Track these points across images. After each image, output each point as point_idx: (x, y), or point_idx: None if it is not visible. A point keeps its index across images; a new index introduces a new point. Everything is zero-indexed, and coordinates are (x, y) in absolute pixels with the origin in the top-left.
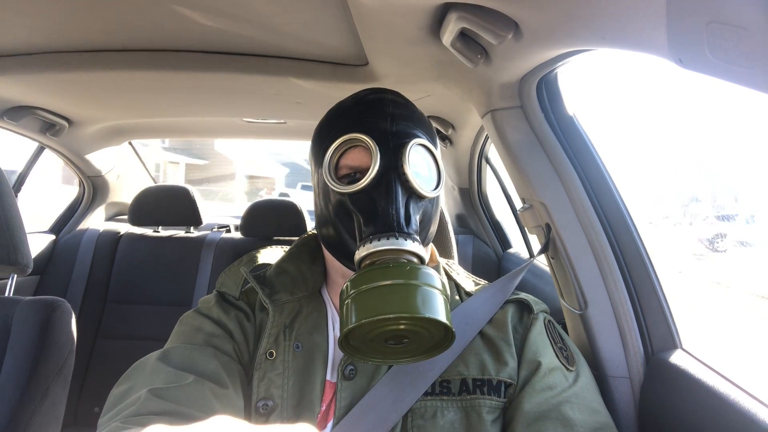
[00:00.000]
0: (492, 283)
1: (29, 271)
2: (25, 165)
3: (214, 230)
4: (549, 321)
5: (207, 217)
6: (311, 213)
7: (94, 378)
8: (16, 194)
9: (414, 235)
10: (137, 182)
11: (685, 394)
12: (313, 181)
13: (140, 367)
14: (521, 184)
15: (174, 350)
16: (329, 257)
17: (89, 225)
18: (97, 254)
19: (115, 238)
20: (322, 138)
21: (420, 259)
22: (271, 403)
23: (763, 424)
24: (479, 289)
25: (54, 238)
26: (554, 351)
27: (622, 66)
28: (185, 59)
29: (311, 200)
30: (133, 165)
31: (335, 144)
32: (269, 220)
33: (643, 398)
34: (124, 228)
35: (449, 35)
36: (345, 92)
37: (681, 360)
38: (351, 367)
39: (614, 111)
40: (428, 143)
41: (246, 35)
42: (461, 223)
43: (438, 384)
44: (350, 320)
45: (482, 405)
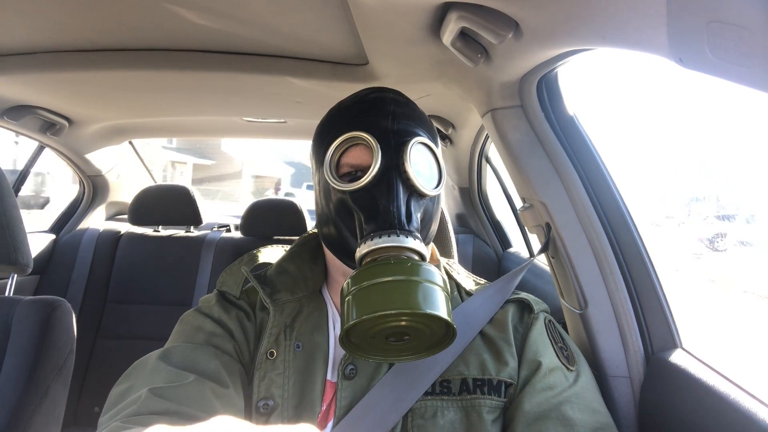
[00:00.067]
0: (492, 283)
1: (29, 271)
2: (26, 165)
3: (214, 230)
4: (549, 321)
5: (213, 217)
6: (311, 212)
7: (94, 378)
8: (16, 194)
9: (415, 233)
10: (137, 182)
11: (685, 394)
12: (314, 180)
13: (140, 367)
14: (521, 184)
15: (174, 349)
16: (330, 256)
17: (89, 225)
18: (97, 254)
19: (115, 238)
20: (323, 137)
21: (421, 257)
22: (272, 403)
23: (763, 424)
24: (479, 289)
25: (54, 238)
26: (555, 351)
27: (622, 66)
28: (185, 59)
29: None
30: (134, 164)
31: (336, 142)
32: (269, 220)
33: (643, 398)
34: (125, 227)
35: (449, 35)
36: (345, 91)
37: (681, 360)
38: (351, 367)
39: (614, 110)
40: (429, 142)
41: (246, 35)
42: (461, 223)
43: (438, 384)
44: (351, 317)
45: (482, 405)
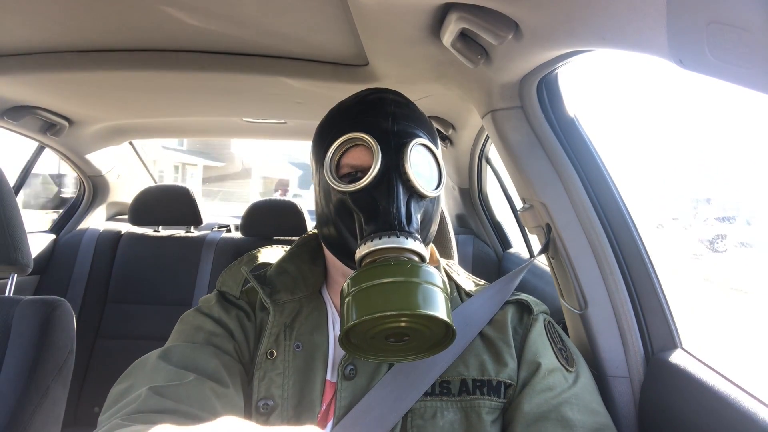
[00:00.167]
0: (492, 284)
1: (29, 271)
2: (26, 165)
3: (215, 230)
4: (549, 322)
5: (223, 216)
6: (311, 213)
7: (94, 378)
8: (17, 194)
9: (415, 234)
10: (138, 182)
11: (685, 394)
12: (315, 181)
13: (141, 366)
14: (521, 185)
15: (175, 349)
16: (330, 257)
17: (89, 225)
18: (98, 254)
19: (116, 238)
20: (324, 137)
21: (421, 258)
22: (272, 403)
23: (763, 424)
24: (479, 290)
25: (54, 238)
26: (554, 352)
27: (623, 66)
28: (185, 59)
29: None
30: (134, 165)
31: (336, 143)
32: (269, 220)
33: (643, 398)
34: (125, 228)
35: (449, 35)
36: (345, 92)
37: (681, 360)
38: (351, 367)
39: (615, 111)
40: (429, 143)
41: (246, 35)
42: (461, 223)
43: (438, 384)
44: (351, 317)
45: (482, 405)
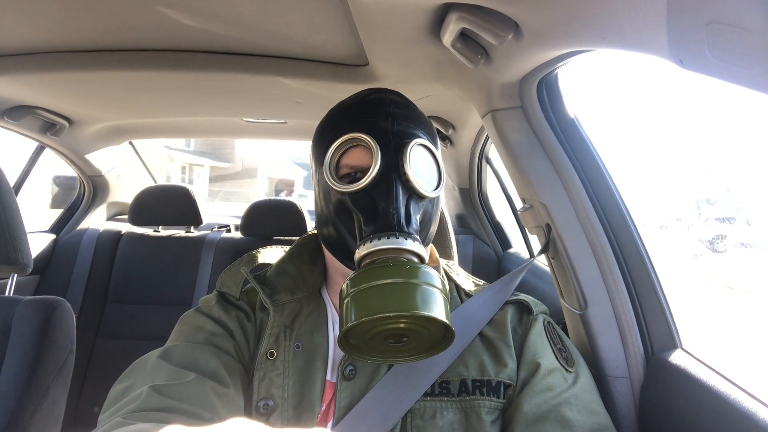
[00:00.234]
0: (492, 284)
1: (29, 271)
2: (26, 165)
3: (214, 230)
4: (548, 322)
5: (220, 218)
6: (311, 213)
7: (94, 378)
8: (16, 194)
9: (414, 235)
10: (138, 182)
11: (685, 394)
12: (314, 181)
13: (141, 365)
14: (521, 185)
15: (175, 348)
16: (329, 257)
17: (89, 225)
18: (98, 254)
19: (116, 238)
20: (323, 137)
21: (420, 259)
22: (272, 403)
23: (763, 424)
24: (479, 290)
25: (54, 238)
26: (553, 352)
27: (623, 66)
28: (185, 59)
29: None
30: (134, 165)
31: (336, 143)
32: (269, 220)
33: (643, 398)
34: (125, 228)
35: (449, 35)
36: (345, 92)
37: (681, 360)
38: (351, 368)
39: (615, 111)
40: (429, 143)
41: (246, 35)
42: (461, 223)
43: (437, 385)
44: (350, 318)
45: (481, 406)
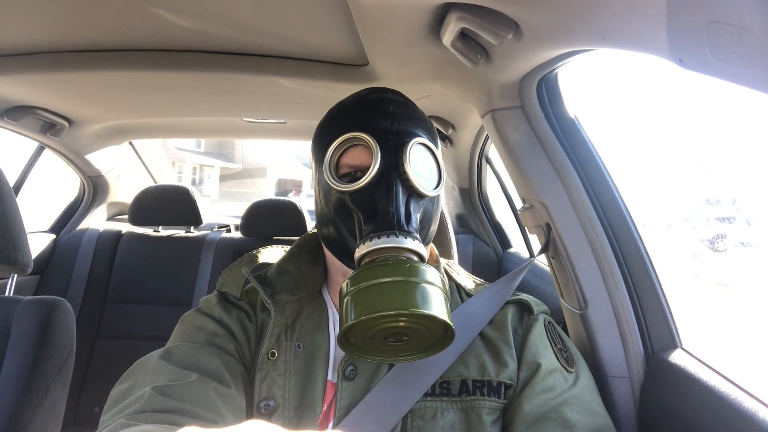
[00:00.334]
0: (492, 284)
1: (29, 271)
2: (26, 165)
3: (214, 230)
4: (549, 322)
5: (231, 218)
6: (311, 213)
7: (94, 378)
8: (16, 194)
9: (414, 234)
10: (138, 182)
11: (685, 394)
12: (314, 180)
13: (142, 366)
14: (521, 184)
15: (176, 349)
16: (330, 256)
17: (89, 225)
18: (98, 254)
19: (116, 238)
20: (323, 137)
21: (420, 258)
22: (273, 403)
23: (763, 424)
24: (480, 290)
25: (54, 238)
26: (554, 352)
27: (623, 67)
28: (185, 59)
29: None
30: (134, 165)
31: (336, 143)
32: (269, 220)
33: (643, 398)
34: (125, 228)
35: (449, 35)
36: (345, 92)
37: (681, 360)
38: (351, 368)
39: (615, 111)
40: (429, 142)
41: (246, 35)
42: (461, 223)
43: (438, 385)
44: (350, 317)
45: (482, 406)
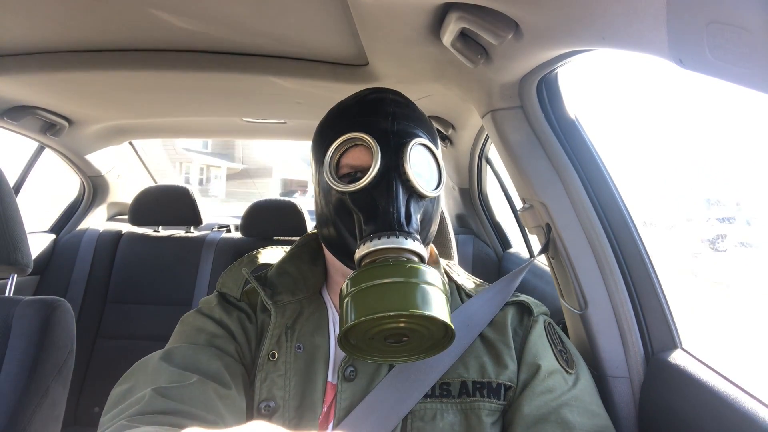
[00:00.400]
0: (492, 285)
1: (29, 271)
2: (26, 165)
3: (214, 230)
4: (549, 323)
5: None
6: (311, 213)
7: (94, 378)
8: (16, 194)
9: (414, 234)
10: (138, 182)
11: (685, 394)
12: (314, 181)
13: (142, 367)
14: (521, 184)
15: (177, 350)
16: (330, 257)
17: (89, 225)
18: (98, 254)
19: (116, 238)
20: (323, 137)
21: (420, 258)
22: (273, 404)
23: (763, 424)
24: (480, 291)
25: (54, 238)
26: (554, 354)
27: (623, 66)
28: (185, 59)
29: None
30: (134, 165)
31: (336, 143)
32: (269, 220)
33: (643, 398)
34: (125, 228)
35: (449, 35)
36: (345, 92)
37: (681, 360)
38: (351, 369)
39: (615, 111)
40: (429, 143)
41: (246, 35)
42: (461, 223)
43: (438, 386)
44: (350, 318)
45: (482, 407)
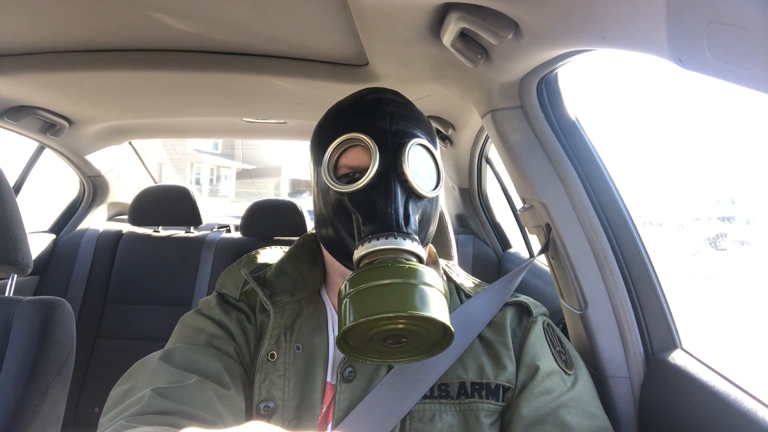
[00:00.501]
0: (492, 285)
1: (29, 271)
2: (26, 165)
3: (214, 230)
4: (548, 324)
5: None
6: (311, 213)
7: (94, 378)
8: (16, 194)
9: (413, 235)
10: (138, 182)
11: (685, 394)
12: (313, 181)
13: (142, 367)
14: (521, 184)
15: (176, 350)
16: (329, 257)
17: (89, 225)
18: (98, 254)
19: (115, 238)
20: (322, 137)
21: (419, 259)
22: (272, 405)
23: (763, 424)
24: (479, 291)
25: (54, 238)
26: (553, 355)
27: (623, 66)
28: (185, 59)
29: None
30: (134, 165)
31: (334, 143)
32: (269, 220)
33: (643, 398)
34: (125, 228)
35: (449, 35)
36: (345, 92)
37: (681, 360)
38: (350, 369)
39: (615, 111)
40: (428, 143)
41: (246, 35)
42: (461, 223)
43: (437, 387)
44: (348, 319)
45: (480, 408)
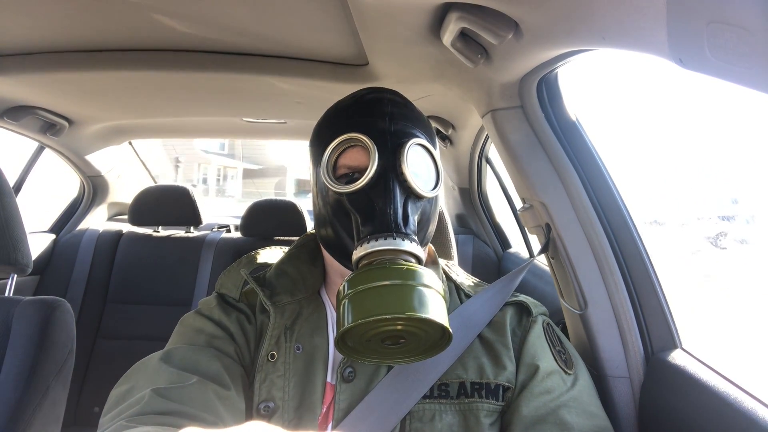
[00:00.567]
0: (492, 285)
1: (29, 271)
2: (26, 165)
3: (214, 230)
4: (548, 324)
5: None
6: (311, 213)
7: (94, 378)
8: (16, 194)
9: (412, 236)
10: (138, 182)
11: (685, 394)
12: (312, 181)
13: (142, 368)
14: (521, 184)
15: (176, 351)
16: (328, 257)
17: (89, 225)
18: (97, 254)
19: (115, 238)
20: (321, 137)
21: (417, 260)
22: (273, 405)
23: (763, 424)
24: (479, 291)
25: (54, 238)
26: (552, 354)
27: (623, 66)
28: (185, 59)
29: None
30: (134, 165)
31: (333, 143)
32: (269, 220)
33: (643, 398)
34: (125, 228)
35: (449, 35)
36: (345, 92)
37: (681, 360)
38: (350, 370)
39: (615, 111)
40: (427, 143)
41: (246, 35)
42: (461, 223)
43: (436, 387)
44: (347, 320)
45: (480, 408)
